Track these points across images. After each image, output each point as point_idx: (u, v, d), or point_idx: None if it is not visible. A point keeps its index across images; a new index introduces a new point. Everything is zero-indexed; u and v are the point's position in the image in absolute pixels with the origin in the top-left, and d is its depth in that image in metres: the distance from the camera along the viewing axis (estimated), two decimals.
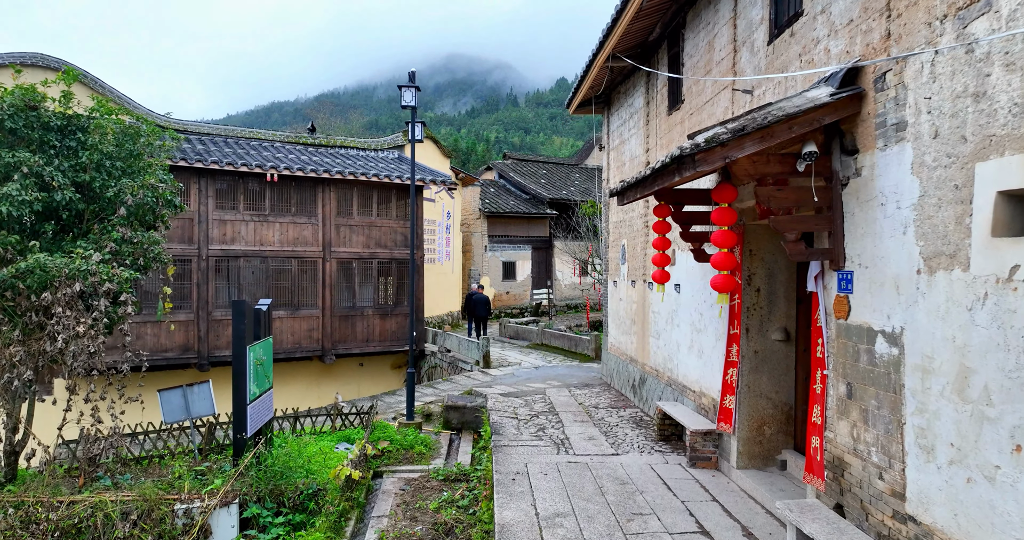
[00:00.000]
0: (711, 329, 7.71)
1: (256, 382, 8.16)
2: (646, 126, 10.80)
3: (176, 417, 9.45)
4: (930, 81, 3.94)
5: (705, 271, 7.94)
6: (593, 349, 16.79)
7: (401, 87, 11.02)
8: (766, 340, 6.89)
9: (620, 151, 12.62)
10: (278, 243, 16.67)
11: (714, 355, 7.58)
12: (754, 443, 6.88)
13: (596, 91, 12.99)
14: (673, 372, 9.14)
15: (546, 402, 11.30)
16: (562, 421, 9.75)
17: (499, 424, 9.60)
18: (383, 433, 10.50)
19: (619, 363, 12.41)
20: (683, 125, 8.94)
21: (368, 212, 18.00)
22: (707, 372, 7.80)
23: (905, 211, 4.16)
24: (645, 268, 10.73)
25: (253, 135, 19.31)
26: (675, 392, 9.02)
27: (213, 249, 15.88)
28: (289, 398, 17.55)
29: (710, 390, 7.70)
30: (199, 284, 15.68)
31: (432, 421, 12.10)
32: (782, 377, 6.91)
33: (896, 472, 4.21)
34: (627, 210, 12.03)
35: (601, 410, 10.66)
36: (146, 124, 8.63)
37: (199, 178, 15.72)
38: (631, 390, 11.42)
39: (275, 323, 16.54)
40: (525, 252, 29.13)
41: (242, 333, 7.76)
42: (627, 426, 9.49)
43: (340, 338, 17.48)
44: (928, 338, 3.92)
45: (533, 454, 7.94)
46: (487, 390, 12.62)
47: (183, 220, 15.55)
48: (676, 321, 9.04)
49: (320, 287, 17.17)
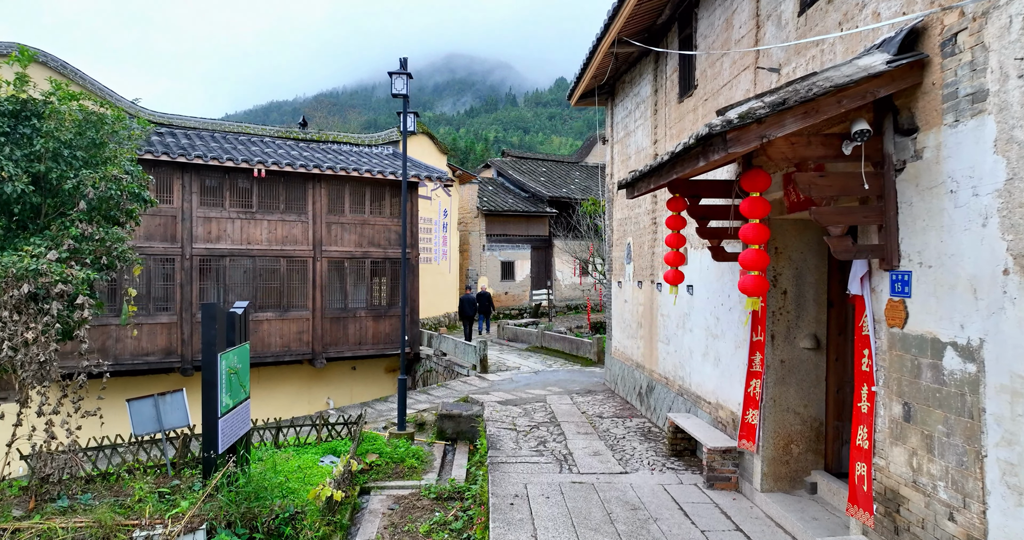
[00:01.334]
0: (729, 335, 6.99)
1: (230, 393, 7.43)
2: (654, 116, 10.09)
3: (147, 429, 8.72)
4: (1022, 37, 3.22)
5: (722, 271, 7.22)
6: (595, 353, 16.06)
7: (392, 74, 10.29)
8: (793, 348, 6.18)
9: (625, 144, 11.90)
10: (266, 242, 15.94)
11: (733, 364, 6.87)
12: (780, 463, 6.16)
13: (599, 81, 12.28)
14: (685, 381, 8.43)
15: (547, 411, 10.58)
16: (564, 433, 9.04)
17: (496, 437, 8.88)
18: (372, 445, 9.78)
19: (624, 369, 11.70)
20: (696, 112, 8.22)
21: (361, 209, 17.28)
22: (725, 382, 7.08)
23: (985, 199, 3.44)
24: (653, 268, 10.02)
25: (242, 130, 18.58)
26: (687, 402, 8.30)
27: (197, 248, 15.15)
28: (278, 404, 16.83)
29: (728, 402, 6.99)
30: (183, 285, 14.94)
31: (425, 431, 11.38)
32: (811, 389, 6.19)
33: (973, 514, 3.49)
34: (632, 206, 11.32)
35: (606, 420, 9.94)
36: (112, 110, 7.89)
37: (182, 173, 14.98)
38: (638, 398, 10.70)
39: (263, 325, 15.82)
40: (524, 252, 28.41)
41: (212, 339, 7.03)
42: (635, 438, 8.77)
43: (331, 341, 16.75)
44: (1018, 353, 3.21)
45: (533, 473, 7.22)
46: (484, 397, 11.90)
47: (166, 217, 14.82)
48: (688, 325, 8.33)
49: (310, 288, 16.44)
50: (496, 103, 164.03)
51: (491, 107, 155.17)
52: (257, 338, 15.73)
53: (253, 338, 15.64)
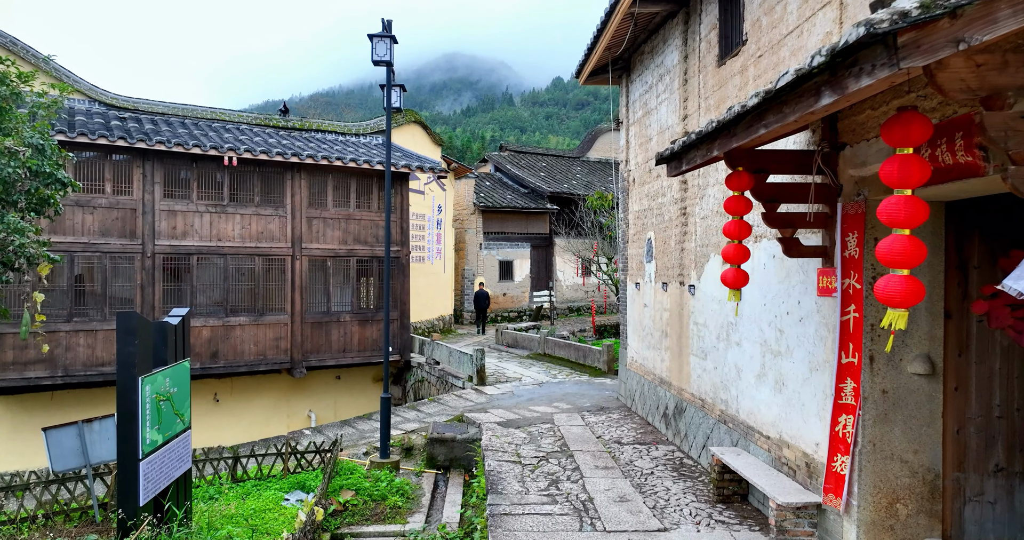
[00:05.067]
0: (800, 353, 5.42)
1: (158, 426, 5.83)
2: (683, 87, 8.52)
3: (69, 464, 7.11)
4: None
5: (788, 270, 5.65)
6: (605, 362, 14.47)
7: (373, 37, 8.70)
8: (900, 374, 4.60)
9: (644, 124, 10.33)
10: (239, 238, 14.31)
11: (806, 391, 5.29)
12: (882, 528, 4.59)
13: (614, 53, 10.69)
14: (730, 406, 6.85)
15: (555, 435, 9.00)
16: (579, 467, 7.45)
17: (497, 474, 7.29)
18: (348, 479, 8.19)
19: (643, 384, 10.12)
20: (744, 74, 6.66)
21: (345, 203, 15.66)
22: (793, 414, 5.51)
23: None
24: (683, 266, 8.45)
25: (216, 116, 16.94)
26: (734, 433, 6.73)
27: (160, 245, 13.52)
28: (253, 418, 15.20)
29: (798, 440, 5.42)
30: (143, 286, 13.32)
31: (413, 457, 9.79)
32: (923, 429, 4.62)
33: None
34: (654, 195, 9.75)
35: (626, 447, 8.37)
36: (14, 67, 6.28)
37: (143, 161, 13.36)
38: (662, 420, 9.13)
39: (235, 331, 14.19)
40: (523, 250, 26.82)
41: (131, 359, 5.42)
42: (666, 475, 7.19)
43: (312, 348, 15.14)
44: None
45: (546, 531, 5.63)
46: (481, 416, 10.32)
47: (124, 211, 13.20)
48: (735, 337, 6.75)
49: (289, 289, 14.82)
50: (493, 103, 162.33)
51: (488, 106, 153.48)
52: (229, 345, 14.11)
53: (224, 345, 14.03)
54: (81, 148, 12.68)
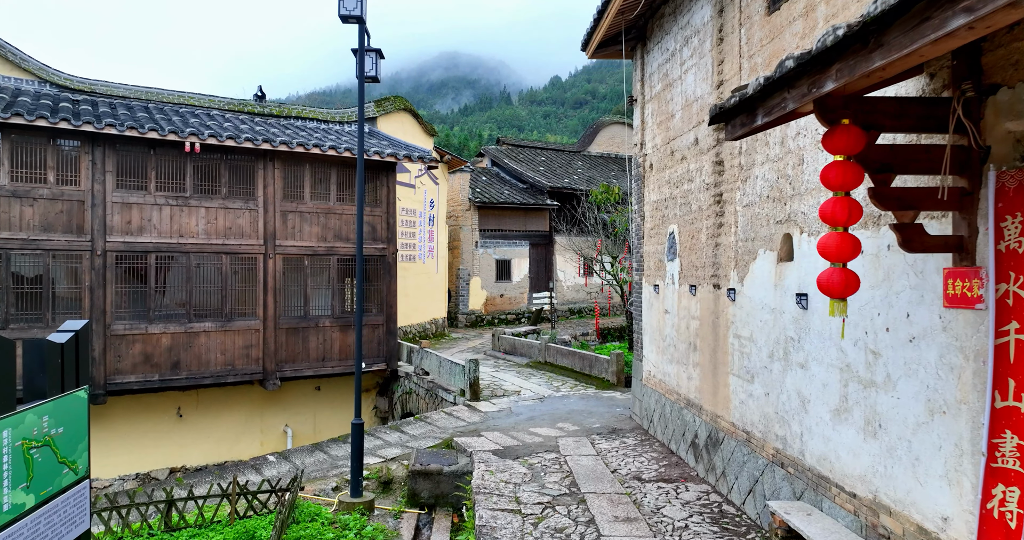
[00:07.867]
0: (911, 387, 3.90)
1: (26, 484, 4.27)
2: (717, 47, 7.00)
3: None
4: None
5: (888, 270, 4.13)
6: (614, 373, 12.95)
7: (341, 18, 7.18)
8: None
9: (664, 99, 8.81)
10: (203, 234, 12.76)
11: (922, 441, 3.78)
12: None
13: (627, 18, 9.18)
14: (789, 445, 5.33)
15: (562, 470, 7.48)
16: (594, 517, 5.93)
17: (490, 527, 5.75)
18: (307, 529, 6.64)
19: (664, 404, 8.61)
20: (811, 17, 5.14)
21: (325, 196, 14.12)
22: (898, 470, 3.99)
23: None
24: (717, 265, 6.93)
25: (184, 100, 15.40)
26: (797, 481, 5.21)
27: (113, 242, 11.97)
28: (221, 435, 13.66)
29: (907, 507, 3.90)
30: (92, 288, 11.76)
31: (392, 491, 8.26)
32: None
33: None
34: (677, 182, 8.23)
35: (649, 486, 6.84)
36: None
37: (92, 147, 11.80)
38: (690, 451, 7.61)
39: (199, 338, 12.64)
40: (522, 249, 25.28)
41: None
42: (705, 530, 5.67)
43: (288, 357, 13.59)
44: None
45: None
46: (473, 441, 8.79)
47: (70, 203, 11.65)
48: (797, 356, 5.23)
49: (261, 291, 13.28)
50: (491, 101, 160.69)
51: (485, 105, 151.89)
52: (192, 354, 12.56)
53: (187, 355, 12.49)
54: (18, 130, 11.13)
